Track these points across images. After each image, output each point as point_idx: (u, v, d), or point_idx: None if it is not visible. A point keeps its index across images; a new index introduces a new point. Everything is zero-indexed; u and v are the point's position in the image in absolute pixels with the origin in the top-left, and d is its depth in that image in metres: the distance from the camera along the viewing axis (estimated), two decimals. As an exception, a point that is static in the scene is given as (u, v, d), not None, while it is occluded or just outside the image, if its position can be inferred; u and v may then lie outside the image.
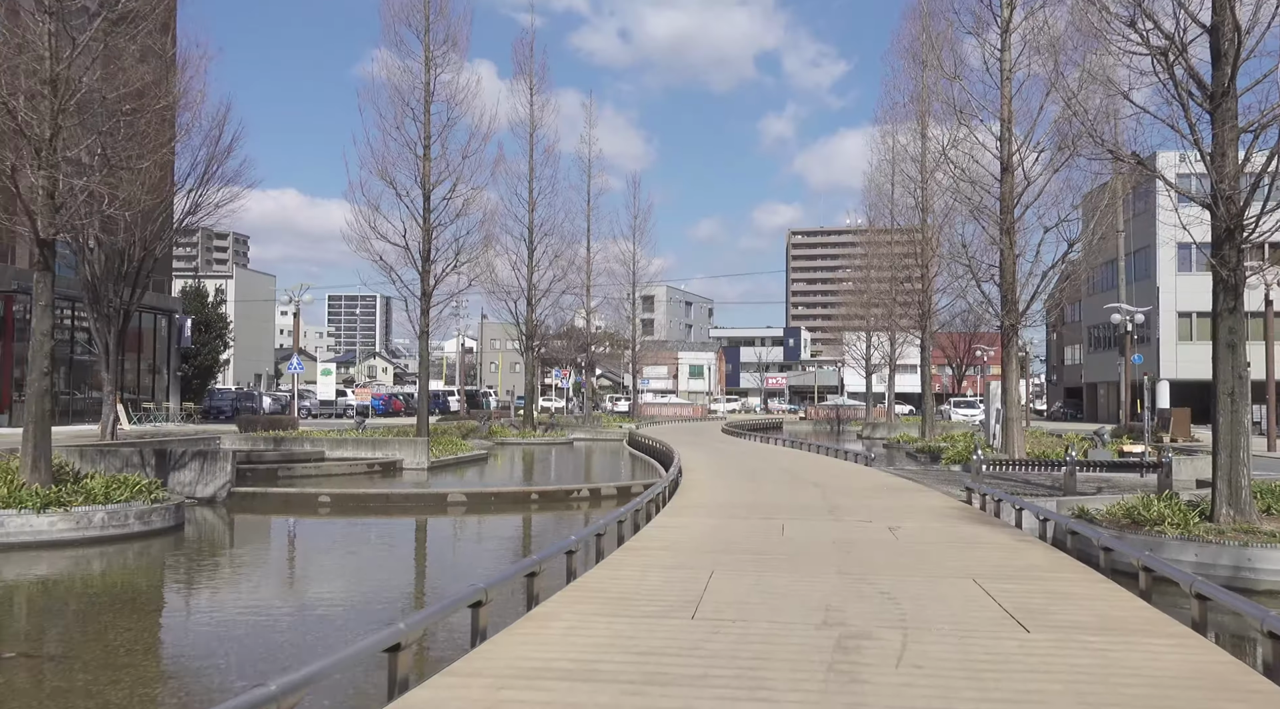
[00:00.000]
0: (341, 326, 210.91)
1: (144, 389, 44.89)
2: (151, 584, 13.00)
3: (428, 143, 30.41)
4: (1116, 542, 10.01)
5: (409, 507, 19.74)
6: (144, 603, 11.81)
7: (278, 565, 14.66)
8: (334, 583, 12.72)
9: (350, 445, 27.40)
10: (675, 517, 13.66)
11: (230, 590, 12.25)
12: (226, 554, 15.26)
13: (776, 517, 13.63)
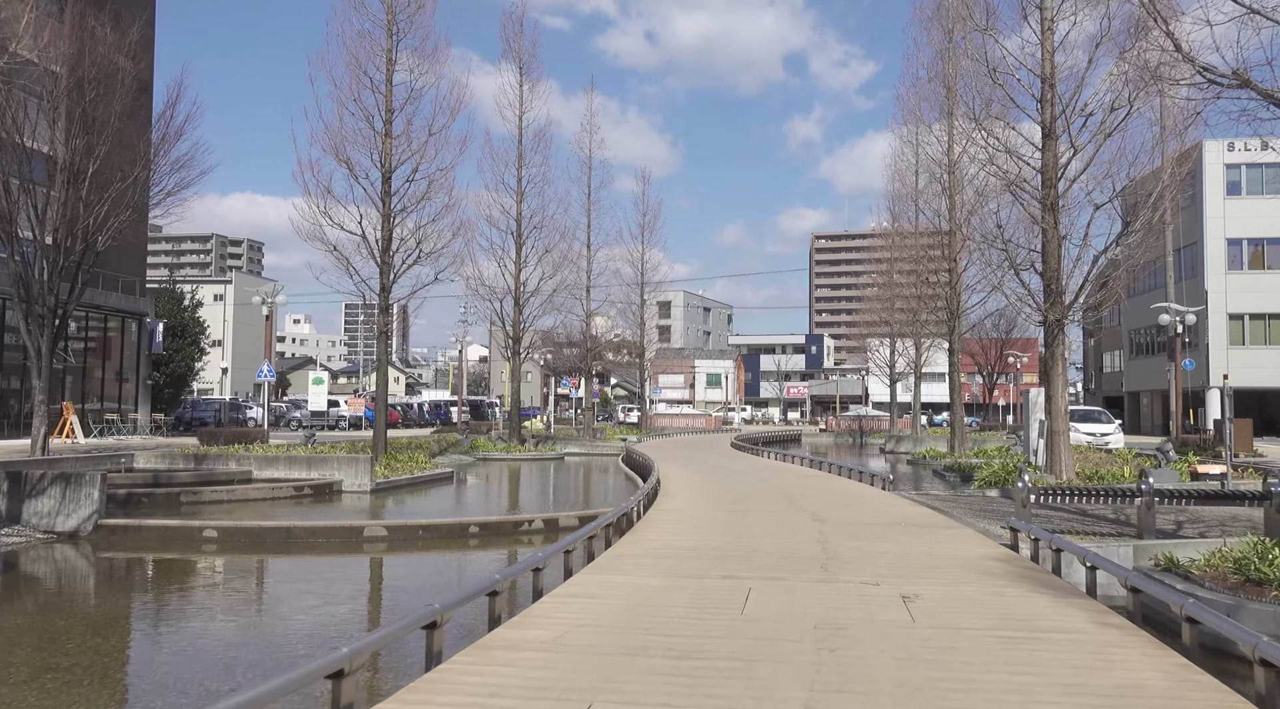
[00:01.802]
0: (359, 335, 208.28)
1: (110, 398, 41.54)
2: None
3: (389, 117, 26.72)
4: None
5: (315, 543, 15.91)
6: None
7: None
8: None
9: (282, 464, 23.64)
10: (604, 572, 9.73)
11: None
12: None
13: (745, 574, 9.68)
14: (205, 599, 11.85)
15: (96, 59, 28.68)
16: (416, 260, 26.78)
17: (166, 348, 44.99)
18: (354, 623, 10.35)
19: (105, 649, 9.15)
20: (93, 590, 13.03)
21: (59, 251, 27.02)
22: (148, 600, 11.93)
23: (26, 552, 14.90)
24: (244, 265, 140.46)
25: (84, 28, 29.32)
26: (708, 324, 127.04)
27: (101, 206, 27.87)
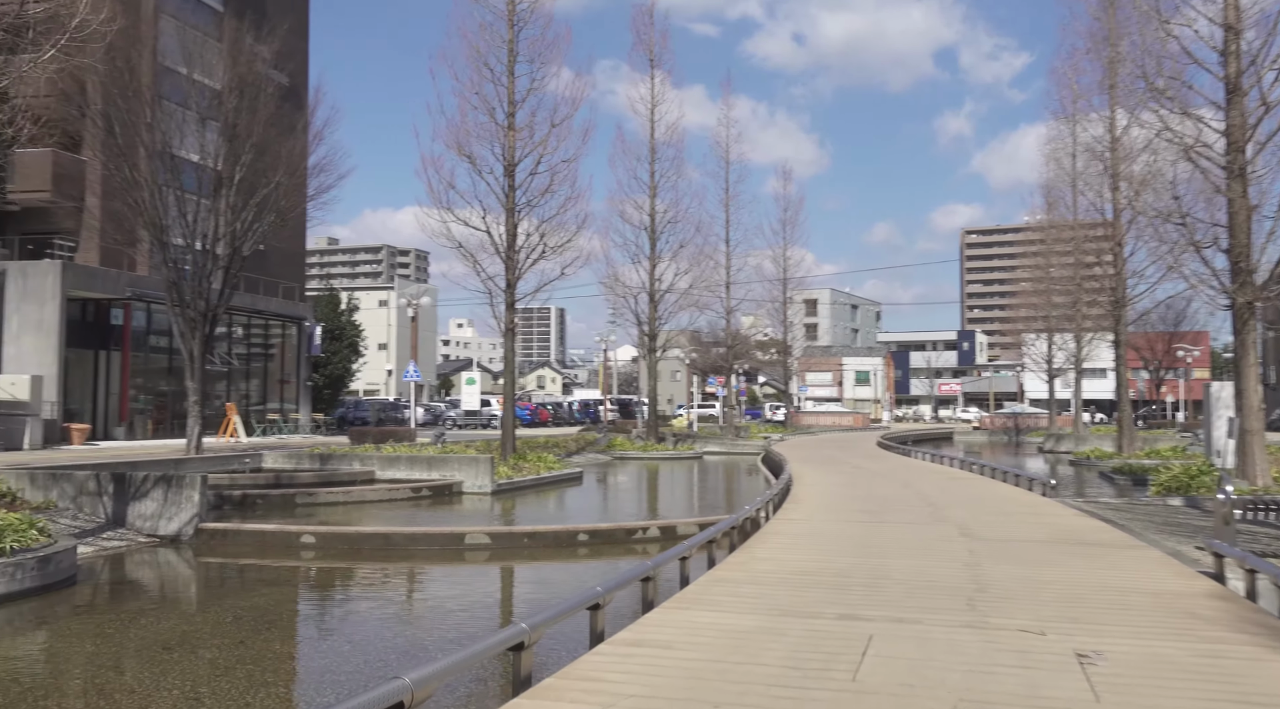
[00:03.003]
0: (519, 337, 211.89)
1: (272, 398, 42.11)
2: None
3: (511, 109, 25.34)
4: None
5: (415, 550, 14.44)
6: None
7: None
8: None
9: (404, 465, 22.50)
10: (690, 607, 7.62)
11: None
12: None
13: (867, 612, 7.42)
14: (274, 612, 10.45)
15: (250, 74, 28.60)
16: (541, 255, 25.31)
17: (325, 350, 45.45)
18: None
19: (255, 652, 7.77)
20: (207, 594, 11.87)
21: (209, 257, 26.97)
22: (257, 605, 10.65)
23: (131, 556, 13.98)
24: (411, 274, 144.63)
25: (240, 45, 29.33)
26: (855, 321, 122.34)
27: (247, 213, 27.74)
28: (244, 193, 27.45)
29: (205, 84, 28.38)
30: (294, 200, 29.45)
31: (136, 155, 25.64)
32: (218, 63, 29.35)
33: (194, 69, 28.26)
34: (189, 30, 33.33)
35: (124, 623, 10.02)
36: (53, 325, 30.66)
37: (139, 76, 26.61)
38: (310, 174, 30.35)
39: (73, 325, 31.87)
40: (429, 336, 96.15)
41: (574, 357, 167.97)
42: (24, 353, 30.60)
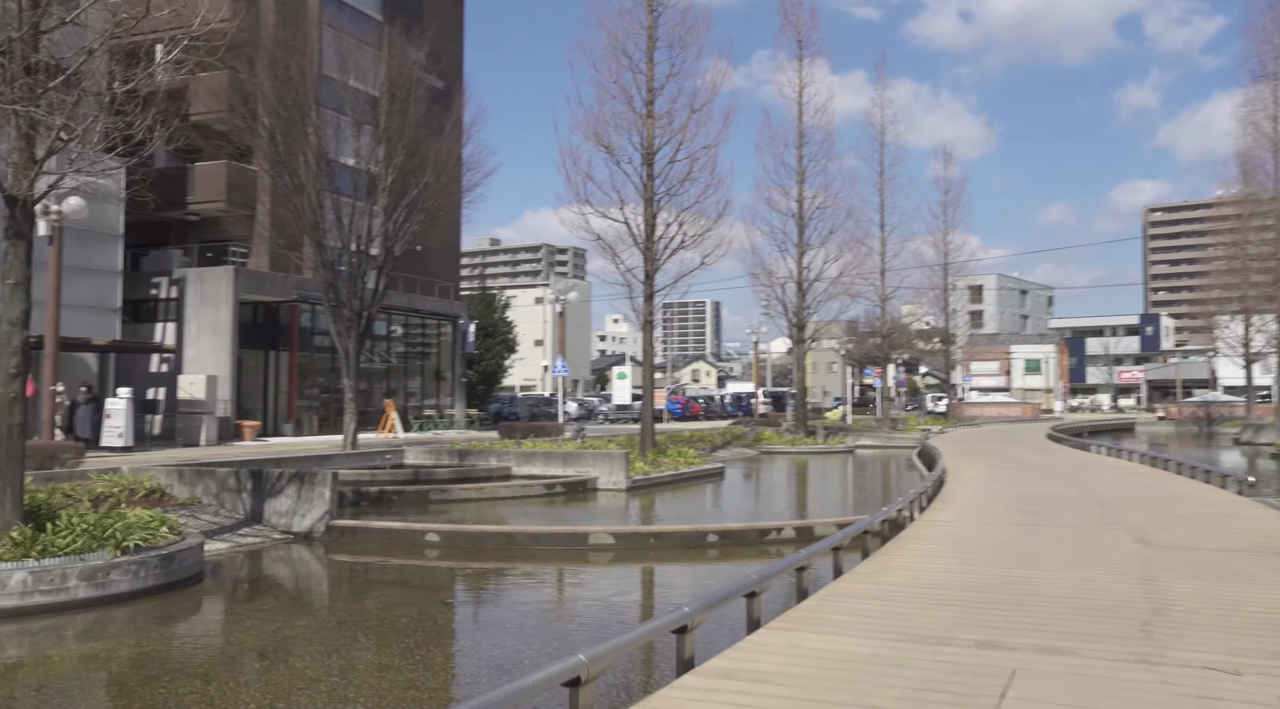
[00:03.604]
0: (673, 331, 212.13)
1: (428, 394, 43.10)
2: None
3: (650, 97, 24.62)
4: None
5: (537, 550, 13.90)
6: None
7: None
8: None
9: (539, 460, 22.14)
10: (801, 627, 6.59)
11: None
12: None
13: (1011, 639, 6.22)
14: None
15: (404, 78, 29.12)
16: (681, 245, 24.50)
17: (478, 347, 46.15)
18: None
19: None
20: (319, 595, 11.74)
21: (363, 258, 27.57)
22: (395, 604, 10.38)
23: (263, 552, 14.05)
24: (569, 271, 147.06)
25: (397, 52, 29.92)
26: (1024, 307, 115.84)
27: (398, 213, 28.22)
28: (396, 194, 27.94)
29: (361, 90, 28.97)
30: (442, 199, 29.76)
31: (297, 162, 26.44)
32: (373, 69, 29.96)
33: (351, 76, 28.94)
34: (345, 38, 34.26)
35: (229, 625, 9.85)
36: (226, 328, 32.08)
37: (301, 87, 27.42)
38: (459, 173, 30.66)
39: (244, 327, 33.30)
40: (582, 332, 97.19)
41: (729, 349, 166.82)
42: (202, 354, 32.18)
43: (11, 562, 9.83)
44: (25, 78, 10.63)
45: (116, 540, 10.72)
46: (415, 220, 28.58)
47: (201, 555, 11.99)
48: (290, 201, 26.72)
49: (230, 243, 35.61)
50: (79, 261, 27.85)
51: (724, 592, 6.62)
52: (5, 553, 9.90)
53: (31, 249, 11.41)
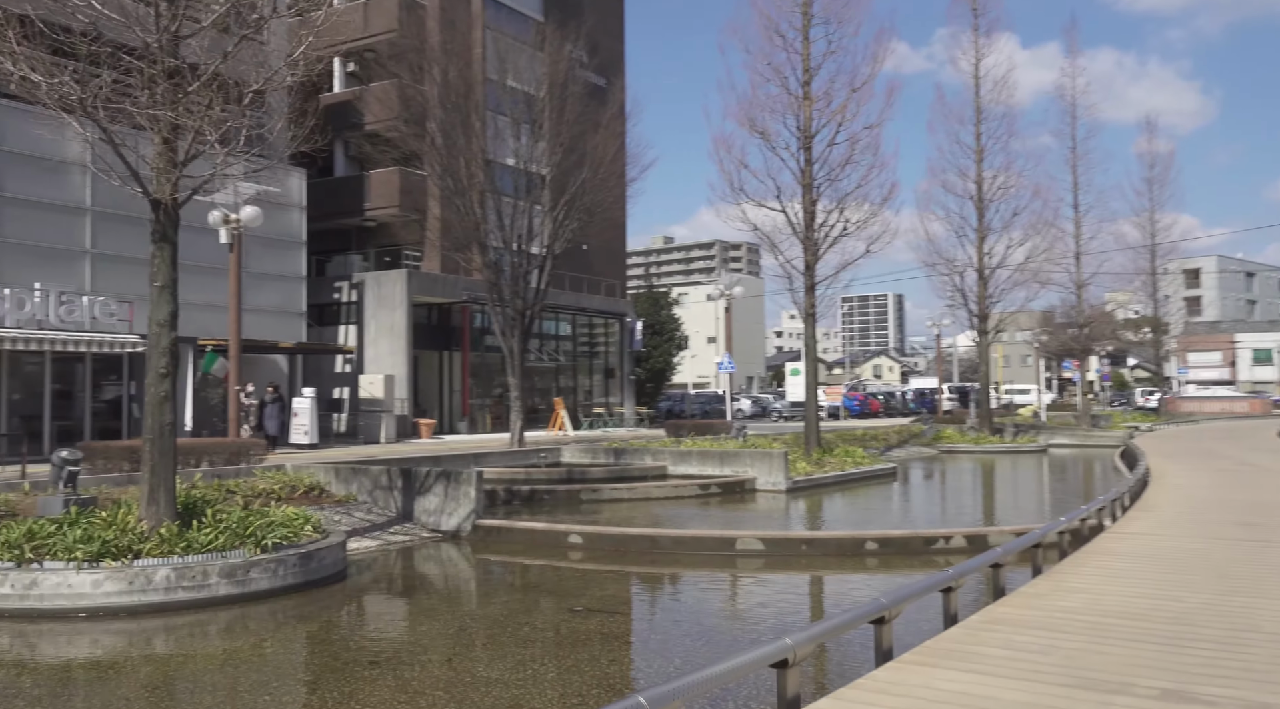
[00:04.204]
0: (854, 326, 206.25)
1: (598, 393, 43.31)
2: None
3: (807, 77, 23.47)
4: None
5: (680, 554, 13.22)
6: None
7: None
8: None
9: (695, 460, 21.41)
10: (936, 663, 5.56)
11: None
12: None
13: (1210, 689, 5.00)
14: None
15: (564, 78, 29.26)
16: (843, 232, 23.23)
17: (646, 345, 46.00)
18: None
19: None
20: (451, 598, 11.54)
21: (524, 257, 27.81)
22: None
23: (410, 551, 14.05)
24: (744, 267, 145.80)
25: (558, 52, 30.12)
26: (1251, 291, 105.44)
27: (558, 211, 28.33)
28: (555, 192, 28.06)
29: (520, 89, 29.19)
30: (600, 195, 29.63)
31: (458, 164, 26.95)
32: (533, 68, 30.18)
33: (511, 77, 29.24)
34: (505, 40, 34.71)
35: (353, 627, 9.69)
36: (401, 329, 33.15)
37: (464, 91, 27.94)
38: (617, 169, 30.47)
39: (419, 328, 34.34)
40: (755, 328, 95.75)
41: (914, 344, 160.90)
42: (380, 355, 33.40)
43: (157, 558, 10.04)
44: (167, 82, 10.87)
45: (257, 538, 10.83)
46: (574, 218, 28.58)
47: (343, 554, 12.01)
48: (454, 203, 27.25)
49: (404, 246, 36.85)
50: (267, 268, 29.38)
51: (841, 618, 5.72)
52: (153, 549, 10.13)
53: (176, 251, 11.71)
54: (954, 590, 6.89)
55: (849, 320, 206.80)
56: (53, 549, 9.86)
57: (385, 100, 31.71)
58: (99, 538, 10.00)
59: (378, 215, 35.73)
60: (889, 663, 5.65)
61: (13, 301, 21.90)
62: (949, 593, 6.86)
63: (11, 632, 9.18)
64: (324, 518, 14.38)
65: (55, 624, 9.35)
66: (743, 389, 79.08)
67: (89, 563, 9.72)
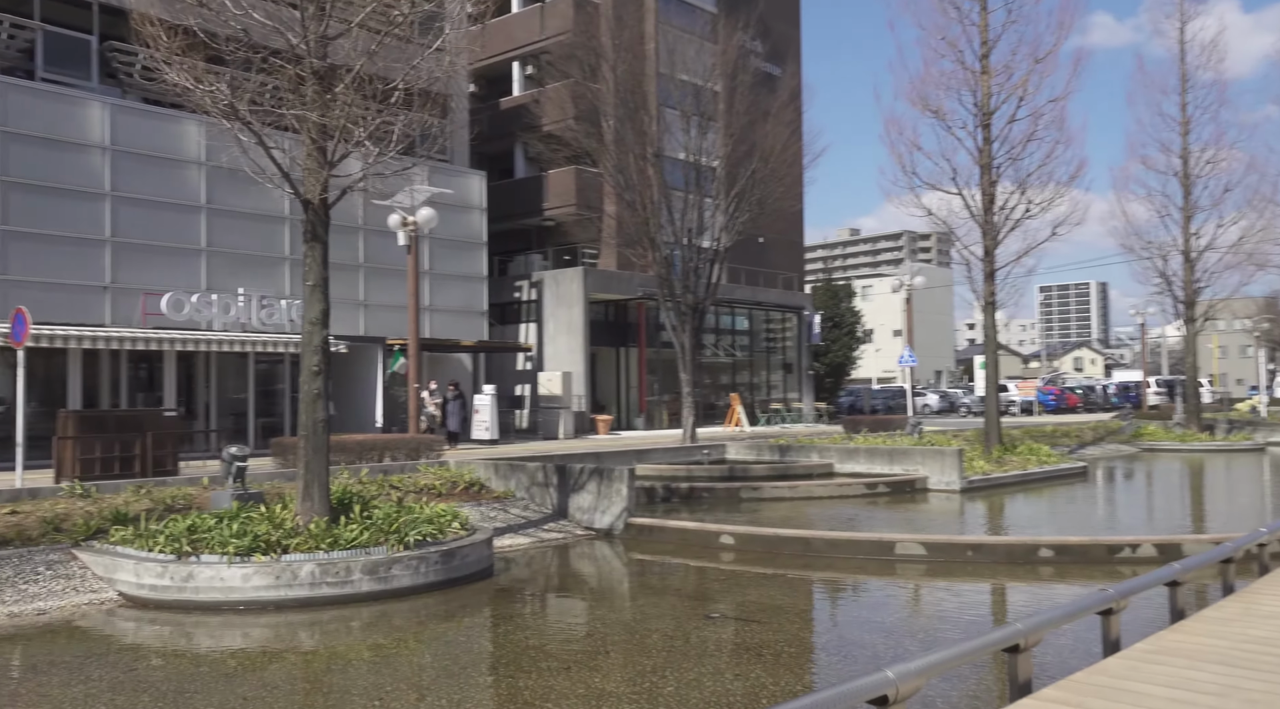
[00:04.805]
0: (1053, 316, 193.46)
1: (775, 388, 42.39)
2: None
3: (986, 50, 21.82)
4: None
5: (835, 558, 12.38)
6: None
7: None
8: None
9: (863, 457, 20.22)
10: (1093, 703, 4.72)
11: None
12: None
13: None
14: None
15: (740, 69, 28.78)
16: (1025, 214, 21.44)
17: (825, 339, 44.65)
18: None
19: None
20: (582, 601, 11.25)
21: (695, 252, 27.47)
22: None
23: (561, 549, 13.88)
24: (933, 257, 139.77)
25: (733, 44, 29.63)
26: None
27: (730, 204, 27.85)
28: (727, 185, 27.60)
29: (691, 83, 28.79)
30: (772, 187, 28.86)
31: (629, 160, 26.92)
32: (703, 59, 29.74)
33: (683, 70, 28.91)
34: (676, 33, 34.40)
35: (480, 630, 9.49)
36: (578, 326, 33.48)
37: (638, 87, 27.86)
38: (789, 158, 29.57)
39: (596, 325, 34.61)
40: (943, 320, 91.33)
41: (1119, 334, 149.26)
42: (559, 352, 33.89)
43: (303, 553, 10.24)
44: (315, 84, 11.08)
45: (400, 535, 10.88)
46: (745, 210, 27.98)
47: (489, 551, 11.92)
48: (625, 199, 27.22)
49: (581, 245, 37.25)
50: (450, 269, 30.33)
51: (961, 648, 4.90)
52: (299, 544, 10.34)
53: (327, 251, 11.95)
54: (1115, 613, 5.89)
55: (1047, 310, 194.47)
56: (209, 543, 10.23)
57: (560, 101, 32.09)
58: (250, 533, 10.31)
59: (556, 214, 36.27)
60: (1023, 700, 4.81)
61: (219, 306, 23.41)
62: (1109, 616, 5.87)
63: (170, 622, 9.55)
64: (480, 514, 14.47)
65: (207, 616, 9.65)
66: (930, 383, 75.71)
67: (240, 557, 10.01)
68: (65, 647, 8.63)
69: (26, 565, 10.48)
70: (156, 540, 10.39)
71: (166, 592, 9.92)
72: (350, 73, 11.22)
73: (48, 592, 10.06)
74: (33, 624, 9.34)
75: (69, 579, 10.39)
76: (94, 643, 8.87)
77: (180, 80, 10.78)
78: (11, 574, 10.25)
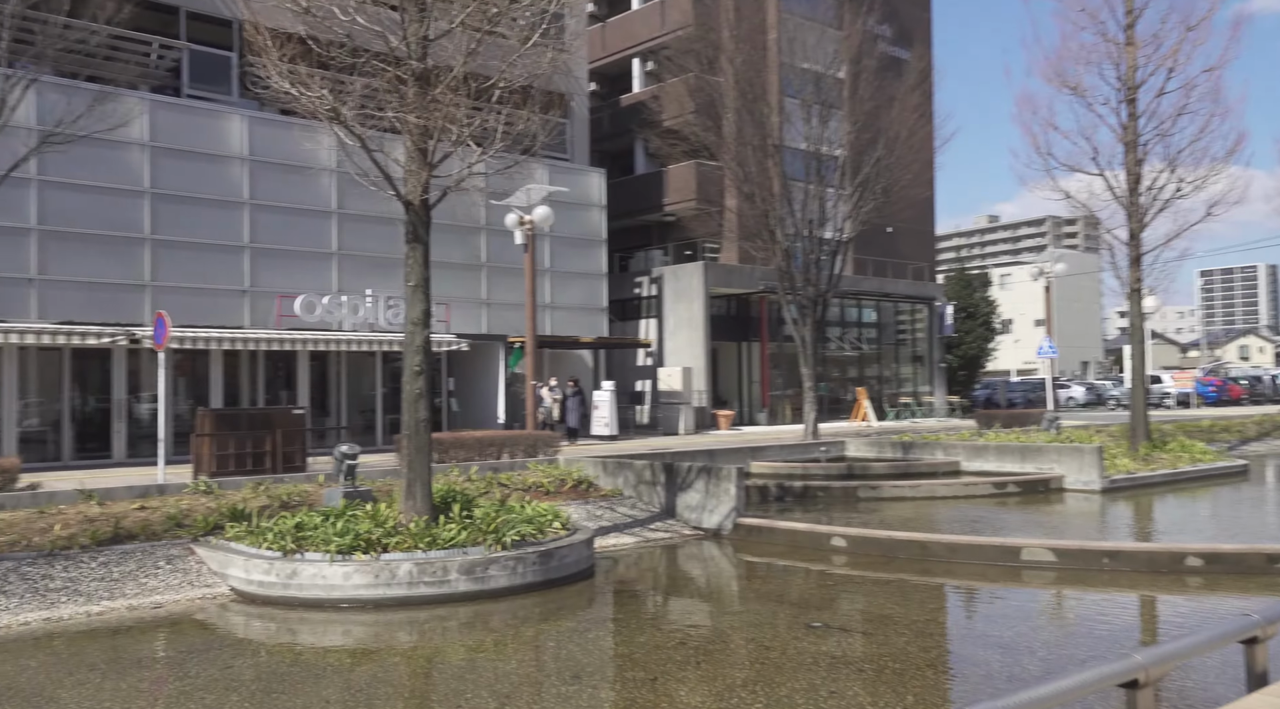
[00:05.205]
0: (1216, 302, 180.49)
1: (905, 381, 40.89)
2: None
3: (1131, 19, 20.19)
4: None
5: (955, 563, 11.55)
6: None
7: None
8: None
9: (992, 455, 18.97)
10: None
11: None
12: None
13: None
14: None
15: (866, 55, 27.87)
16: (1176, 194, 19.74)
17: (958, 330, 42.79)
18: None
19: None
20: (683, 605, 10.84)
21: (816, 243, 26.73)
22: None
23: (666, 550, 13.51)
24: (1080, 243, 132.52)
25: (859, 30, 28.68)
26: None
27: (854, 193, 26.98)
28: (851, 173, 26.76)
29: (813, 71, 27.95)
30: (898, 175, 27.78)
31: (746, 153, 26.40)
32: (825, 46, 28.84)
33: (804, 58, 28.11)
34: (797, 20, 33.49)
35: (570, 636, 9.18)
36: (699, 321, 33.09)
37: (757, 77, 27.24)
38: (916, 144, 28.37)
39: (717, 319, 34.14)
40: (1091, 309, 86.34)
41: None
42: (679, 347, 33.58)
43: (402, 553, 10.22)
44: (416, 85, 11.04)
45: (497, 535, 10.74)
46: (870, 200, 27.03)
47: (589, 551, 11.67)
48: (745, 192, 26.70)
49: (702, 239, 36.80)
50: (570, 267, 30.42)
51: (1080, 677, 4.25)
52: (397, 544, 10.32)
53: (428, 251, 11.92)
54: (1261, 642, 5.09)
55: (1208, 295, 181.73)
56: (313, 541, 10.33)
57: (679, 96, 31.73)
58: (352, 531, 10.35)
59: (676, 210, 35.94)
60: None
61: (349, 307, 24.07)
62: (1253, 645, 5.07)
63: (273, 619, 9.66)
64: (586, 512, 14.26)
65: (310, 613, 9.72)
66: (1075, 374, 71.79)
67: (341, 555, 10.06)
68: (172, 642, 8.82)
69: (148, 560, 10.85)
70: (266, 537, 10.58)
71: (272, 588, 10.05)
72: (450, 73, 11.13)
73: (165, 586, 10.37)
74: (148, 617, 9.61)
75: (185, 574, 10.70)
76: (198, 638, 9.04)
77: (286, 87, 10.92)
78: (134, 568, 10.62)
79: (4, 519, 11.04)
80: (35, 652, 8.44)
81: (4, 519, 11.04)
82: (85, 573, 10.28)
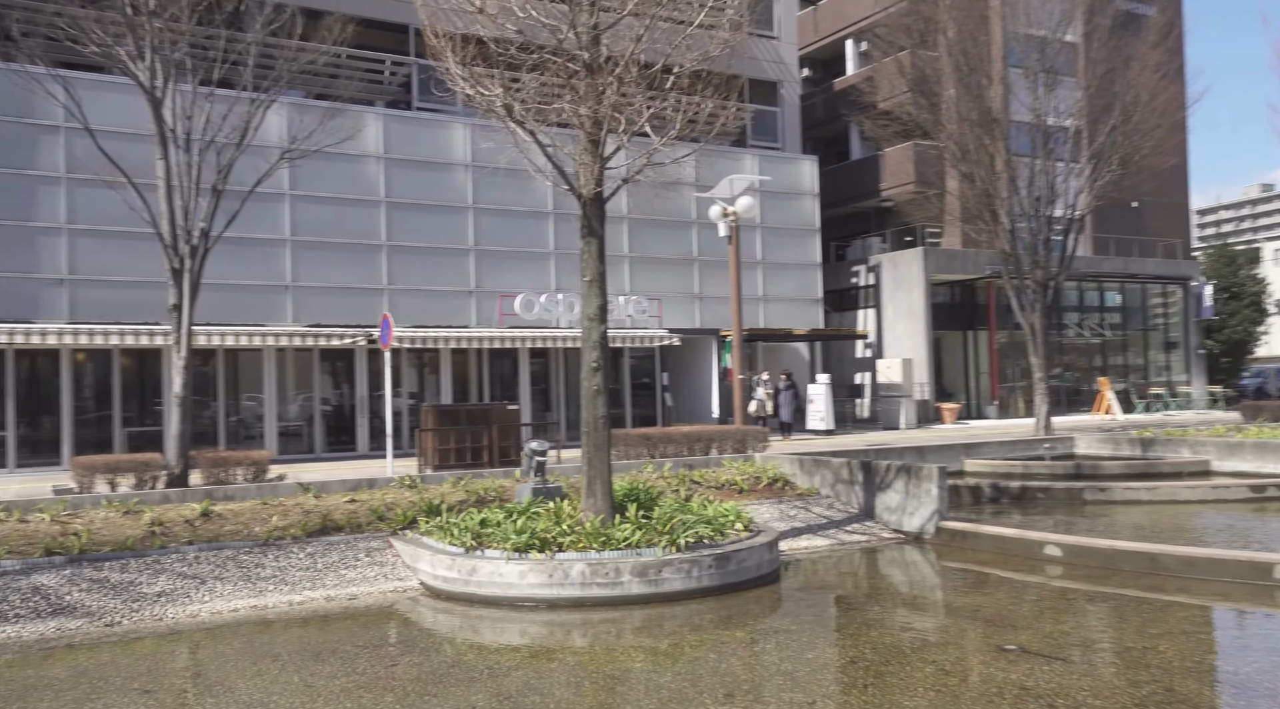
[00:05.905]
0: None
1: (1155, 370, 36.78)
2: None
3: None
4: None
5: (1190, 580, 9.84)
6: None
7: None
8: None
9: (1250, 453, 16.24)
10: None
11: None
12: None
13: None
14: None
15: (1104, 15, 25.39)
16: None
17: (1219, 312, 37.95)
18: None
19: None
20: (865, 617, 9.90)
21: (1045, 222, 24.59)
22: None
23: (864, 554, 12.54)
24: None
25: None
26: None
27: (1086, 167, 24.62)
28: (1086, 144, 24.42)
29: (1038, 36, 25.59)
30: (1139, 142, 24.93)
31: (965, 129, 24.64)
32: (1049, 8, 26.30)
33: (1031, 24, 25.81)
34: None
35: (735, 648, 8.53)
36: (919, 309, 31.37)
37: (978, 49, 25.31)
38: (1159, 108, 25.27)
39: (940, 308, 32.23)
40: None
41: None
42: (899, 337, 31.96)
43: (576, 552, 9.98)
44: (587, 77, 10.75)
45: (672, 536, 10.28)
46: (1105, 172, 24.50)
47: (771, 555, 10.95)
48: (963, 171, 24.90)
49: (922, 224, 34.75)
50: (782, 257, 29.60)
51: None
52: (573, 543, 10.09)
53: (603, 246, 11.61)
54: None
55: None
56: (493, 538, 10.30)
57: (892, 75, 30.04)
58: (530, 530, 10.23)
59: (894, 194, 34.19)
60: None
61: (564, 305, 24.51)
62: None
63: (452, 614, 9.68)
64: (779, 512, 13.55)
65: (487, 610, 9.65)
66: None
67: (518, 553, 9.96)
68: (351, 635, 9.00)
69: (350, 551, 11.27)
70: (452, 532, 10.69)
71: (454, 584, 10.12)
72: (619, 64, 10.76)
73: (361, 577, 10.71)
74: (340, 609, 9.92)
75: (381, 566, 11.01)
76: (376, 633, 9.20)
77: (461, 87, 10.98)
78: (336, 559, 11.06)
79: (232, 509, 11.85)
80: (232, 639, 8.87)
81: (232, 509, 11.85)
82: (293, 563, 10.81)
